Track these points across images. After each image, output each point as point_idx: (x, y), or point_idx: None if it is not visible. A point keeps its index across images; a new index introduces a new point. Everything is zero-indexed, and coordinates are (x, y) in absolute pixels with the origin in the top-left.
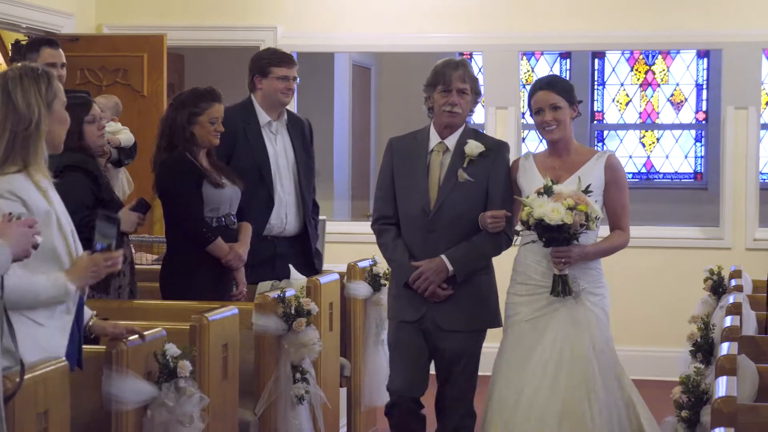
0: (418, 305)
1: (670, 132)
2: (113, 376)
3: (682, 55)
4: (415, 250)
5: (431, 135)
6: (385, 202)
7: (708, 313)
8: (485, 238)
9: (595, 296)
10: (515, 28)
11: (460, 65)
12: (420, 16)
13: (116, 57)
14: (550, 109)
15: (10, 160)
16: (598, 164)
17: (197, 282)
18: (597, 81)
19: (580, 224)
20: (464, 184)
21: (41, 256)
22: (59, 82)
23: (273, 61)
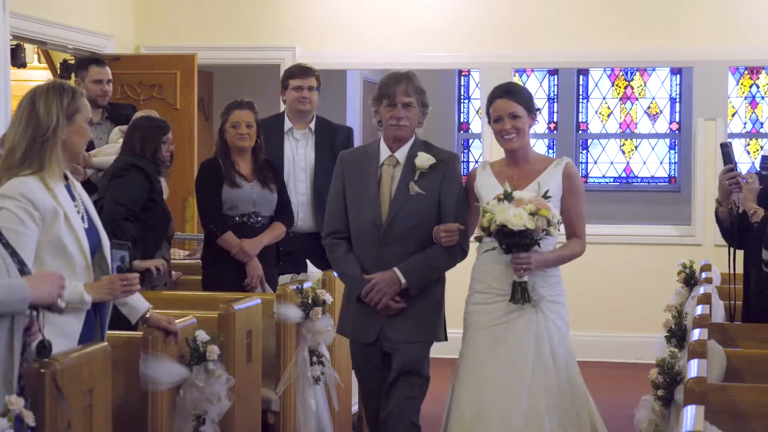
0: (371, 323)
1: (647, 141)
2: (149, 359)
3: (658, 72)
4: (367, 265)
5: (381, 148)
6: (335, 216)
7: (681, 303)
8: (439, 251)
9: (554, 304)
10: (508, 48)
11: (403, 79)
12: (423, 37)
13: (152, 74)
14: (509, 118)
15: (26, 163)
16: (556, 172)
17: (218, 273)
18: (581, 95)
19: (542, 229)
20: (416, 197)
21: (50, 249)
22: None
23: (289, 74)
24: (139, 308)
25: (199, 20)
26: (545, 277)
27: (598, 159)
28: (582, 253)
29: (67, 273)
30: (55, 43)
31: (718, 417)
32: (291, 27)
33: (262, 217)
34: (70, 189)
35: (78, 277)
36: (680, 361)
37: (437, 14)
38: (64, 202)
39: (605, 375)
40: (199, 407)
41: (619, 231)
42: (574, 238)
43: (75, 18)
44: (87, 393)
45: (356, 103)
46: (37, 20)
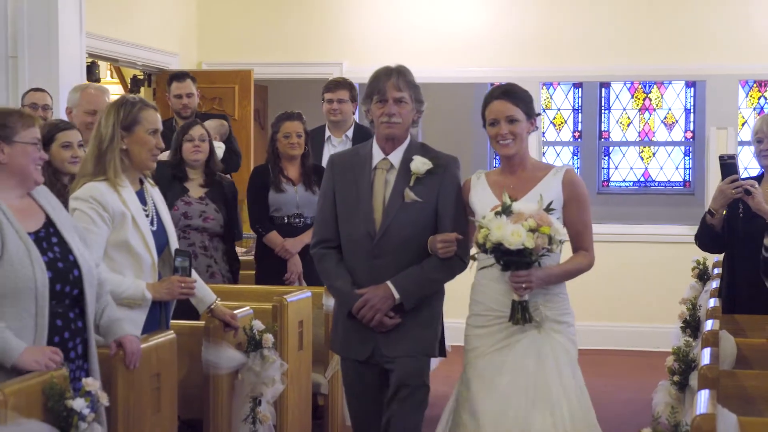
0: (364, 340)
1: (664, 148)
2: (211, 346)
3: (673, 85)
4: (359, 277)
5: (374, 151)
6: (325, 224)
7: (695, 296)
8: (436, 263)
9: (560, 325)
10: (536, 63)
11: (394, 72)
12: (458, 53)
13: (213, 88)
14: (505, 122)
15: (97, 170)
16: (555, 180)
17: (266, 268)
18: (603, 106)
19: (542, 248)
20: (411, 204)
21: (118, 247)
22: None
23: (324, 89)
24: (206, 300)
25: (255, 39)
26: (549, 296)
27: (619, 165)
28: (590, 267)
29: (135, 270)
30: (126, 60)
31: (729, 401)
32: (338, 44)
33: (305, 218)
34: (143, 194)
35: (145, 274)
36: (694, 349)
37: (471, 32)
38: (132, 206)
39: (626, 362)
40: (256, 390)
41: (638, 231)
42: (581, 251)
43: (144, 37)
44: (155, 376)
45: None
46: (110, 40)
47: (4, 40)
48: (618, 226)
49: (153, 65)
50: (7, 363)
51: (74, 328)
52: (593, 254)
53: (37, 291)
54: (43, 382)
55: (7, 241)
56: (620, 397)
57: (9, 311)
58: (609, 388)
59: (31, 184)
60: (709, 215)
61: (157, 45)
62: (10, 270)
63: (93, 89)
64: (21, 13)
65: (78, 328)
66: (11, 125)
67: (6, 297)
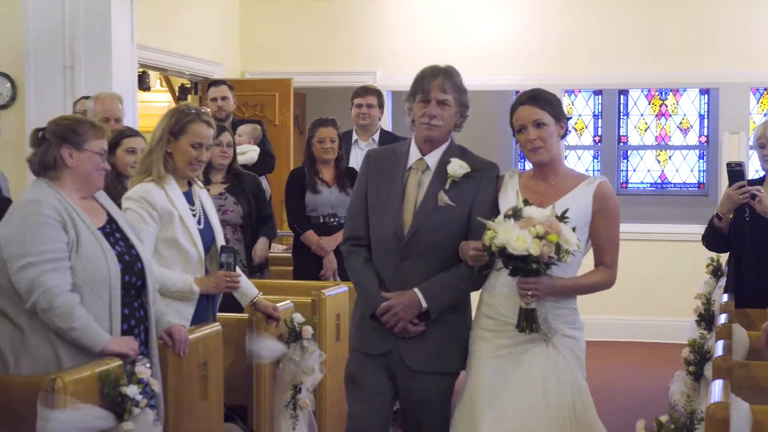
0: (385, 337)
1: (679, 152)
2: (254, 337)
3: (688, 92)
4: (385, 278)
5: (411, 150)
6: (356, 220)
7: (709, 292)
8: (465, 272)
9: (568, 339)
10: (559, 71)
11: (440, 73)
12: (485, 62)
13: (255, 95)
14: (533, 127)
15: (143, 168)
16: (587, 191)
17: (303, 265)
18: (622, 112)
19: (548, 256)
20: (444, 208)
21: (167, 244)
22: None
23: (353, 94)
24: (249, 294)
25: (295, 50)
26: (557, 309)
27: (637, 167)
28: (608, 285)
29: (183, 265)
30: (174, 70)
31: (742, 390)
32: (372, 54)
33: (339, 217)
34: (190, 194)
35: (192, 269)
36: (709, 341)
37: (497, 43)
38: (179, 206)
39: (644, 353)
40: (296, 378)
41: (656, 230)
42: (601, 266)
43: (191, 49)
44: (202, 365)
45: None
46: (159, 51)
47: (62, 52)
48: (636, 225)
49: (199, 74)
50: (94, 350)
51: (138, 316)
52: (615, 272)
53: (111, 281)
54: (99, 371)
55: (81, 236)
56: (639, 385)
57: (86, 301)
58: (628, 377)
59: (93, 189)
60: (717, 219)
61: (203, 55)
62: (86, 262)
63: (108, 98)
64: (78, 26)
65: (141, 316)
66: (82, 133)
67: (83, 287)
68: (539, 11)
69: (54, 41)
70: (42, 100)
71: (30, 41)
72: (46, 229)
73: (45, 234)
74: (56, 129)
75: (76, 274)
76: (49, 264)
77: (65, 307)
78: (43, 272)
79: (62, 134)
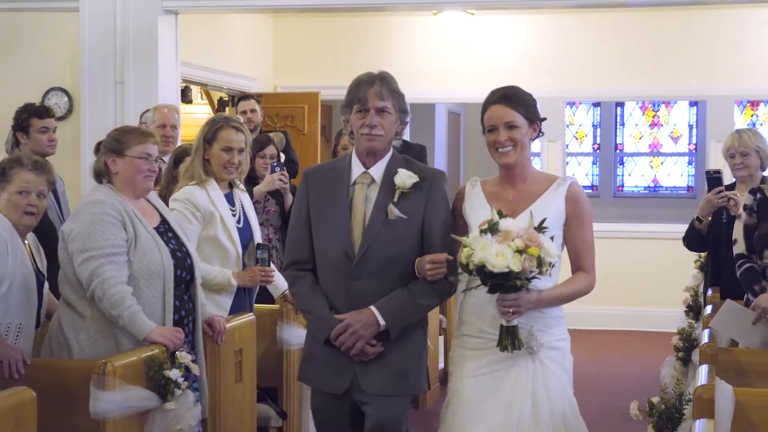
0: (340, 371)
1: (671, 158)
2: (284, 326)
3: (679, 104)
4: (336, 302)
5: (353, 164)
6: (298, 243)
7: (697, 285)
8: (423, 287)
9: (554, 351)
10: (562, 85)
11: (377, 80)
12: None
13: (286, 107)
14: (504, 128)
15: (191, 176)
16: (558, 194)
17: None
18: (618, 122)
19: (530, 270)
20: (395, 222)
21: (208, 242)
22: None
23: None
24: (280, 287)
25: (321, 66)
26: (543, 319)
27: (632, 172)
28: (589, 290)
29: (222, 261)
30: (213, 84)
31: (726, 374)
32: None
33: None
34: (231, 196)
35: (231, 264)
36: (696, 330)
37: (504, 58)
38: (220, 206)
39: (638, 341)
40: None
41: (649, 228)
42: (580, 272)
43: (229, 65)
44: (238, 351)
45: (442, 130)
46: (200, 67)
47: (113, 69)
48: (631, 224)
49: (236, 88)
50: (139, 337)
51: (187, 308)
52: (594, 276)
53: (165, 275)
54: (145, 356)
55: (139, 234)
56: (632, 370)
57: (143, 292)
58: (622, 363)
59: (140, 190)
60: (697, 221)
61: (239, 71)
62: (143, 257)
63: (165, 108)
64: (128, 45)
65: (190, 308)
66: (124, 141)
67: (140, 280)
68: (545, 31)
69: (106, 59)
70: (95, 113)
71: (85, 59)
72: (107, 226)
73: (106, 231)
74: (105, 140)
75: (135, 268)
76: (107, 257)
77: (117, 297)
78: (101, 264)
79: (107, 144)
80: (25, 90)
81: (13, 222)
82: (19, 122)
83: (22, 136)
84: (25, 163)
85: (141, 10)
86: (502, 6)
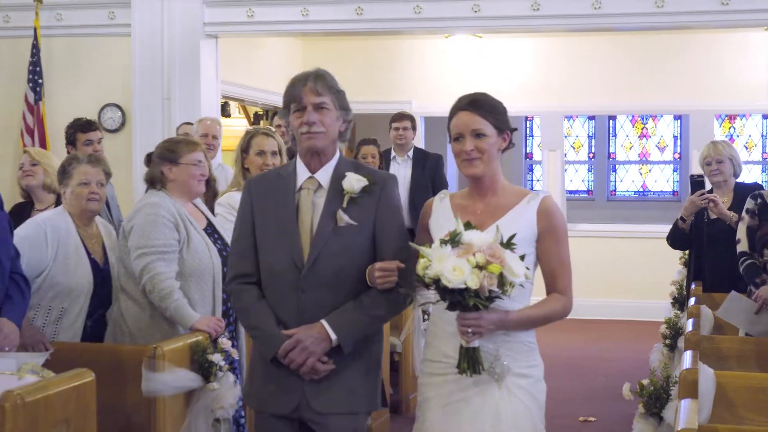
0: (287, 390)
1: (657, 166)
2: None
3: (665, 118)
4: (284, 316)
5: (298, 169)
6: (242, 256)
7: (682, 279)
8: (376, 298)
9: (525, 379)
10: (560, 101)
11: (311, 76)
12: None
13: None
14: (471, 136)
15: (234, 183)
16: (530, 208)
17: None
18: (611, 133)
19: (489, 290)
20: (345, 229)
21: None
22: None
23: (391, 119)
24: None
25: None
26: (511, 343)
27: (623, 178)
28: (564, 314)
29: None
30: (249, 100)
31: (708, 359)
32: (408, 87)
33: None
34: None
35: None
36: (681, 320)
37: (509, 76)
38: None
39: (628, 330)
40: None
41: (638, 229)
42: (554, 293)
43: (263, 83)
44: None
45: None
46: (238, 85)
47: (161, 86)
48: (622, 225)
49: (270, 104)
50: (185, 326)
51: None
52: (570, 298)
53: (214, 272)
54: (191, 342)
55: (191, 235)
56: (624, 356)
57: (194, 287)
58: (615, 349)
59: (193, 195)
60: (681, 221)
61: (273, 88)
62: (194, 255)
63: (208, 120)
64: (174, 66)
65: None
66: (177, 151)
67: (192, 276)
68: (545, 53)
69: (155, 78)
70: (145, 126)
71: (136, 79)
72: (161, 227)
73: (159, 231)
74: (157, 150)
75: (188, 266)
76: (159, 254)
77: (165, 291)
78: (153, 261)
79: (161, 154)
80: (84, 105)
81: (78, 210)
82: (68, 137)
83: (70, 149)
84: (82, 159)
85: (185, 34)
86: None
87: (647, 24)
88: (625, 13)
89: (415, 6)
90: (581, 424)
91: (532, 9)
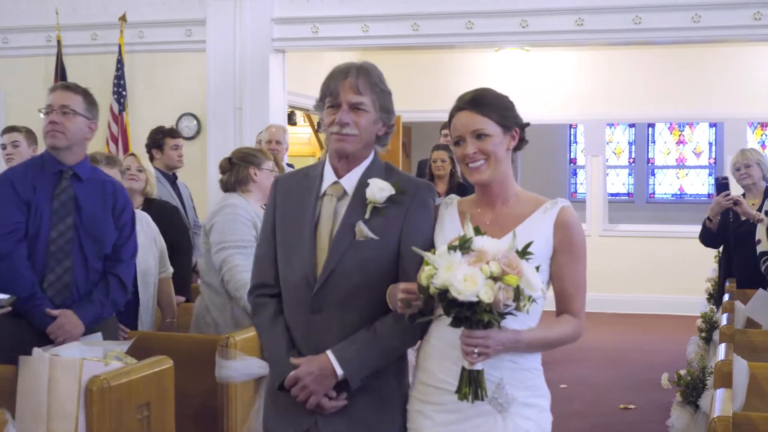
0: (299, 416)
1: (694, 170)
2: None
3: (701, 125)
4: (296, 335)
5: (326, 172)
6: (263, 264)
7: (717, 276)
8: (393, 325)
9: (530, 409)
10: (602, 109)
11: (351, 70)
12: (546, 102)
13: None
14: (472, 138)
15: None
16: (546, 219)
17: None
18: (650, 140)
19: (504, 304)
20: (365, 243)
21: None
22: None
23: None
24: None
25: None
26: (516, 371)
27: (662, 182)
28: (575, 338)
29: None
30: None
31: (741, 351)
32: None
33: None
34: None
35: None
36: (716, 314)
37: (557, 87)
38: None
39: (667, 323)
40: None
41: (675, 229)
42: (566, 314)
43: None
44: None
45: None
46: (302, 95)
47: (233, 97)
48: (660, 226)
49: None
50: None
51: None
52: (582, 322)
53: None
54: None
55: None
56: (662, 348)
57: None
58: (653, 342)
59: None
60: (708, 221)
61: None
62: None
63: (274, 127)
64: (245, 77)
65: None
66: (260, 157)
67: None
68: (588, 65)
69: (227, 89)
70: (218, 134)
71: (210, 89)
72: (239, 225)
73: (237, 228)
74: (243, 155)
75: None
76: (237, 249)
77: (240, 282)
78: (231, 254)
79: (248, 159)
80: (163, 115)
81: None
82: (155, 141)
83: (156, 152)
84: (99, 159)
85: (255, 49)
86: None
87: (684, 38)
88: (664, 28)
89: (467, 21)
90: (621, 412)
91: (576, 24)
